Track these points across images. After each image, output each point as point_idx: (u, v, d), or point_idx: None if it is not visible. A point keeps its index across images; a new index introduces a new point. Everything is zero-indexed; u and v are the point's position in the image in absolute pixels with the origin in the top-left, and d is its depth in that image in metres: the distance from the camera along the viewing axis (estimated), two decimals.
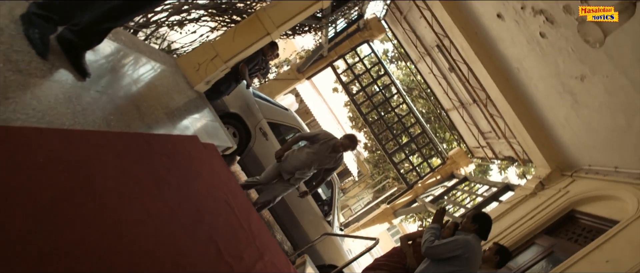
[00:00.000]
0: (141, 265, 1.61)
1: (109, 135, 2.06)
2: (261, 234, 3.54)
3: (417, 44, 7.99)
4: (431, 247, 2.80)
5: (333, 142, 4.02)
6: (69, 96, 1.93)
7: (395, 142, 9.57)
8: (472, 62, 4.95)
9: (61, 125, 1.74)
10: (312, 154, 4.02)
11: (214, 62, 4.36)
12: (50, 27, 1.94)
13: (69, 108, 1.88)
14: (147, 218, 1.91)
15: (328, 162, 4.07)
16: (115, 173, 1.88)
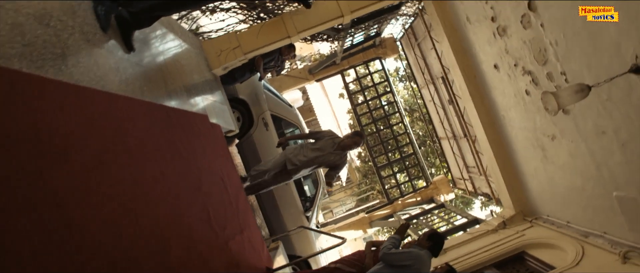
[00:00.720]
0: (152, 213, 2.05)
1: (142, 103, 2.50)
2: (245, 213, 3.99)
3: (425, 71, 8.43)
4: (388, 253, 3.22)
5: (338, 140, 4.11)
6: (117, 66, 2.36)
7: (386, 157, 10.02)
8: (466, 101, 5.39)
9: (110, 90, 2.17)
10: (317, 150, 4.10)
11: (235, 52, 4.80)
12: (114, 7, 2.37)
13: (117, 76, 2.31)
14: (160, 178, 2.35)
15: (332, 159, 4.10)
16: (142, 136, 2.32)
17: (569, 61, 3.34)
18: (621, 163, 3.18)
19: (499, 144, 5.08)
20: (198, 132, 3.46)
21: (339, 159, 4.14)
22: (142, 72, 2.74)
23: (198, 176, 2.99)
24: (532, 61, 3.82)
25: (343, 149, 4.07)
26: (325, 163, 4.13)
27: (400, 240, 3.42)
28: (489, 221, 5.47)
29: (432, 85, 8.29)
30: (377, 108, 10.45)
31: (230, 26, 5.18)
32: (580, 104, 3.36)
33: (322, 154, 4.06)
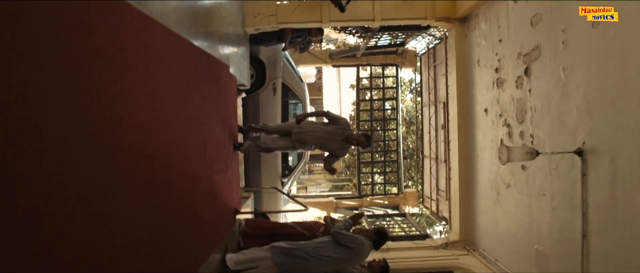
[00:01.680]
0: (169, 127, 2.61)
1: (186, 42, 3.02)
2: (232, 157, 4.56)
3: (432, 92, 8.94)
4: (339, 232, 3.78)
5: (348, 133, 4.10)
6: (177, 6, 2.88)
7: (371, 156, 10.62)
8: (453, 131, 5.95)
9: (166, 24, 2.70)
10: (326, 132, 4.12)
11: (270, 19, 5.29)
12: None
13: (175, 17, 2.83)
14: (181, 104, 2.90)
15: (335, 146, 4.13)
16: (178, 67, 2.86)
17: (539, 128, 3.91)
18: (547, 223, 3.78)
19: (467, 177, 5.67)
20: (217, 77, 3.99)
21: (340, 150, 4.17)
22: (192, 15, 3.25)
23: (207, 113, 3.54)
24: (513, 117, 4.38)
25: (348, 142, 4.10)
26: (327, 147, 4.16)
27: (351, 225, 4.01)
28: (435, 239, 6.11)
29: (434, 106, 8.82)
30: (379, 109, 10.97)
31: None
32: (535, 166, 3.94)
33: (329, 138, 4.10)
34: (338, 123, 4.16)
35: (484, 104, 5.17)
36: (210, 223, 3.61)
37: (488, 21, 5.11)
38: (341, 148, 4.16)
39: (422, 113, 10.15)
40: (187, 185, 3.06)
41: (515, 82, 4.33)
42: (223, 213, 4.14)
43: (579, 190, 3.26)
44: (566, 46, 3.49)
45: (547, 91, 3.76)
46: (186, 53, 3.08)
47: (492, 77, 4.90)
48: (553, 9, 3.70)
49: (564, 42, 3.50)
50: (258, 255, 3.86)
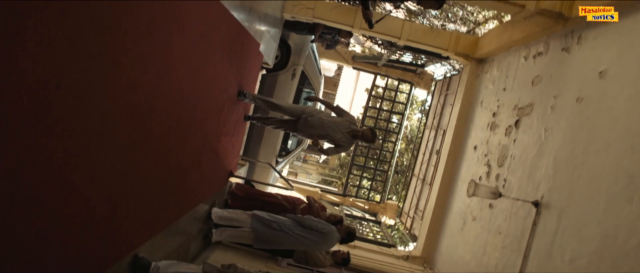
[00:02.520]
0: (199, 84, 3.09)
1: (232, 18, 3.48)
2: (239, 126, 5.03)
3: (436, 117, 9.39)
4: (313, 219, 4.19)
5: (354, 127, 4.22)
6: None
7: (364, 161, 11.09)
8: (443, 158, 6.41)
9: None
10: (333, 121, 4.23)
11: (307, 11, 5.73)
12: None
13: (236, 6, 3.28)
14: (213, 71, 3.37)
15: (340, 137, 4.20)
16: (220, 37, 3.32)
17: (513, 174, 4.36)
18: (496, 258, 4.26)
19: (443, 201, 6.14)
20: (248, 52, 4.46)
21: (345, 142, 4.25)
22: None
23: (230, 82, 4.02)
24: (495, 159, 4.83)
25: (353, 136, 4.20)
26: (331, 138, 4.23)
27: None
28: (399, 249, 6.60)
29: (435, 131, 9.27)
30: (385, 120, 11.42)
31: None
32: (500, 207, 4.40)
33: (334, 129, 4.19)
34: (346, 117, 4.28)
35: (475, 142, 5.62)
36: (208, 176, 4.09)
37: (500, 69, 5.54)
38: (346, 141, 4.22)
39: (423, 135, 10.59)
40: (199, 138, 3.54)
41: (505, 130, 4.78)
42: (220, 171, 4.63)
43: (527, 236, 3.73)
44: (553, 111, 3.93)
45: (527, 145, 4.21)
46: (229, 28, 3.54)
47: (489, 119, 5.35)
48: (552, 76, 4.14)
49: (552, 107, 3.95)
50: (240, 217, 4.28)
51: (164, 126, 2.65)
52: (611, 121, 3.08)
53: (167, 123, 2.68)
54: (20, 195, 1.54)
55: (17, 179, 1.51)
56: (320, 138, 4.29)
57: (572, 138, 3.51)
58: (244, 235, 4.22)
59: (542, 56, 4.49)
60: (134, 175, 2.40)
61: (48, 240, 1.76)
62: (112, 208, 2.23)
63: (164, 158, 2.78)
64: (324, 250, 4.46)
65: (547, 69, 4.29)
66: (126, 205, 2.37)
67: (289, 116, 4.42)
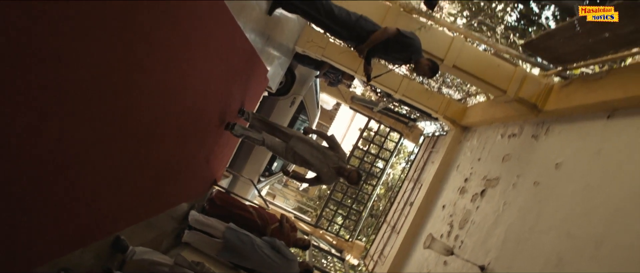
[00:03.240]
0: (207, 98, 3.46)
1: (246, 42, 3.90)
2: (233, 140, 5.36)
3: (417, 171, 9.83)
4: (283, 245, 4.43)
5: (343, 165, 4.11)
6: (259, 19, 3.78)
7: (341, 197, 11.41)
8: (413, 210, 6.78)
9: (243, 15, 3.58)
10: (323, 153, 4.13)
11: (318, 49, 6.22)
12: None
13: (253, 12, 3.72)
14: (221, 86, 3.76)
15: (325, 171, 4.10)
16: (234, 58, 3.73)
17: (469, 238, 4.74)
18: None
19: (405, 251, 6.46)
20: (255, 75, 4.88)
21: (328, 177, 4.14)
22: (263, 18, 4.16)
23: (235, 98, 4.40)
24: (458, 221, 5.22)
25: (338, 173, 4.09)
26: (317, 168, 4.12)
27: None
28: None
29: (413, 183, 9.68)
30: (369, 162, 11.83)
31: None
32: (453, 265, 4.75)
33: (323, 159, 4.09)
34: (337, 151, 4.15)
35: (445, 201, 6.01)
36: (194, 180, 4.40)
37: (479, 140, 6.02)
38: (329, 176, 4.10)
39: (401, 185, 11.00)
40: (196, 144, 3.88)
41: (472, 196, 5.19)
42: (207, 177, 4.94)
43: None
44: (514, 188, 4.36)
45: (487, 214, 4.61)
46: (244, 51, 3.96)
47: (460, 184, 5.77)
48: (520, 157, 4.60)
49: (514, 184, 4.38)
50: (215, 225, 4.50)
51: (168, 126, 3.00)
52: (556, 208, 3.50)
53: (171, 124, 3.03)
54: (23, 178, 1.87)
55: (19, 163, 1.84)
56: (305, 165, 4.18)
57: (524, 215, 3.92)
58: (210, 245, 4.39)
59: (516, 137, 4.97)
60: (130, 165, 2.71)
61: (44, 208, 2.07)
62: (106, 191, 2.54)
63: (160, 155, 3.10)
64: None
65: (517, 150, 4.76)
66: (117, 191, 2.68)
67: (280, 138, 4.33)
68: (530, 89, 4.39)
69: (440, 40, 4.47)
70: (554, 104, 4.18)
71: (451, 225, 5.37)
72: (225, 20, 3.20)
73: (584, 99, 3.75)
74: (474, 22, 7.20)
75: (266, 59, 5.17)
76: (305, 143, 4.16)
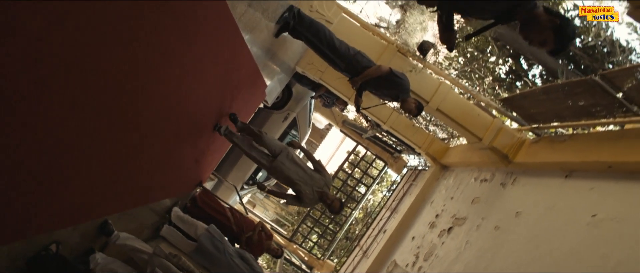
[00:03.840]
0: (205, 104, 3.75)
1: (250, 58, 4.23)
2: (223, 145, 5.61)
3: (396, 201, 10.14)
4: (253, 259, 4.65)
5: (327, 191, 4.03)
6: (266, 38, 4.12)
7: (319, 216, 11.64)
8: (385, 238, 7.06)
9: (249, 28, 3.91)
10: (309, 175, 4.04)
11: (317, 72, 6.57)
12: (290, 19, 4.15)
13: (261, 47, 4.05)
14: (221, 95, 4.06)
15: (307, 192, 4.00)
16: (240, 72, 4.04)
17: (431, 270, 5.03)
18: None
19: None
20: (254, 89, 5.19)
21: (309, 200, 4.04)
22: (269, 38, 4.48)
23: (231, 107, 4.70)
24: (423, 254, 5.52)
25: (320, 198, 4.03)
26: (299, 188, 4.00)
27: None
28: None
29: (390, 212, 9.98)
30: (352, 186, 12.12)
31: None
32: None
33: (307, 181, 4.00)
34: (323, 176, 4.08)
35: (415, 233, 6.32)
36: (182, 178, 4.66)
37: (455, 180, 6.38)
38: (311, 199, 4.01)
39: (379, 211, 11.29)
40: (190, 144, 4.15)
41: (440, 232, 5.51)
42: (193, 177, 5.19)
43: None
44: (477, 229, 4.69)
45: (449, 250, 4.92)
46: (247, 66, 4.28)
47: (431, 219, 6.09)
48: (487, 201, 4.95)
49: (478, 226, 4.71)
50: (195, 224, 4.70)
51: (165, 125, 3.23)
52: (509, 253, 3.83)
53: (168, 123, 3.27)
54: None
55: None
56: (288, 184, 4.09)
57: (481, 256, 4.23)
58: (185, 244, 4.54)
59: (487, 182, 5.33)
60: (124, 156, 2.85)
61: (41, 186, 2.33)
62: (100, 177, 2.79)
63: (153, 151, 3.34)
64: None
65: (486, 194, 5.11)
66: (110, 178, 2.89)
67: (267, 150, 4.22)
68: (504, 140, 4.77)
69: (429, 83, 4.85)
70: (523, 157, 4.56)
71: (417, 256, 5.66)
72: (234, 39, 3.51)
73: (548, 157, 4.13)
74: (467, 68, 7.67)
75: (267, 74, 5.49)
76: (292, 162, 4.08)
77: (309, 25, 4.19)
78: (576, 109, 3.62)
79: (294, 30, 4.25)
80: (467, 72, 6.71)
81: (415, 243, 6.05)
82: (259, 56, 4.48)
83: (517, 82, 7.84)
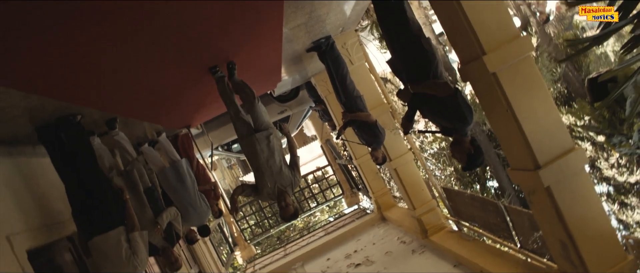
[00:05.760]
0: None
1: (278, 60, 5.12)
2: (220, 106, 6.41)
3: (334, 227, 11.07)
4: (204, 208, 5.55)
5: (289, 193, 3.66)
6: (298, 49, 5.04)
7: (266, 206, 12.54)
8: (306, 249, 7.97)
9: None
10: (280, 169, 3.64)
11: (325, 91, 7.49)
12: (321, 47, 5.08)
13: (291, 52, 4.96)
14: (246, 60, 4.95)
15: (268, 185, 3.62)
16: (268, 55, 4.94)
17: None
18: None
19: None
20: (270, 77, 6.07)
21: (266, 194, 3.67)
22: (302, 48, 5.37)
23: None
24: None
25: (277, 196, 3.62)
26: (261, 178, 3.64)
27: None
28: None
29: (324, 233, 10.90)
30: (305, 197, 13.04)
31: None
32: None
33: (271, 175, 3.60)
34: (293, 175, 3.71)
35: (331, 256, 7.23)
36: (178, 114, 5.48)
37: (384, 231, 7.34)
38: (268, 193, 3.65)
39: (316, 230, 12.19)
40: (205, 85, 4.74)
41: (350, 264, 6.43)
42: (186, 119, 6.04)
43: None
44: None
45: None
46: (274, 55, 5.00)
47: (350, 251, 7.03)
48: (397, 257, 5.90)
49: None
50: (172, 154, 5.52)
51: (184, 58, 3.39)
52: None
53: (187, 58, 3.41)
54: None
55: None
56: (251, 166, 3.76)
57: None
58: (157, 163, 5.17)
59: (404, 244, 6.30)
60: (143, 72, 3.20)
61: None
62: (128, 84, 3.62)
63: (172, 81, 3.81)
64: (188, 223, 5.52)
65: (398, 252, 6.07)
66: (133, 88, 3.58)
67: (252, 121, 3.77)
68: (431, 218, 5.75)
69: (399, 147, 5.83)
70: (437, 238, 5.54)
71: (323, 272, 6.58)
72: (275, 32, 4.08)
73: (452, 246, 5.11)
74: (443, 152, 8.72)
75: (286, 69, 6.33)
76: (268, 146, 3.64)
77: (335, 57, 5.12)
78: (486, 221, 4.62)
79: (323, 54, 5.18)
80: (439, 155, 7.73)
81: (328, 263, 6.97)
82: (288, 54, 5.32)
83: (476, 184, 8.92)
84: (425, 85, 2.95)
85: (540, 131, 2.59)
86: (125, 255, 3.18)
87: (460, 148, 2.95)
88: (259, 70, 5.43)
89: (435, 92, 2.90)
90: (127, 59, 2.82)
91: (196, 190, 5.05)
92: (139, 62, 2.99)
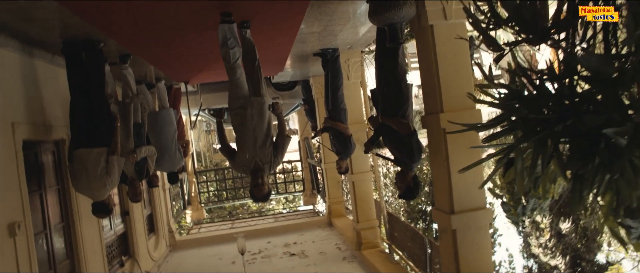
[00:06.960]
0: None
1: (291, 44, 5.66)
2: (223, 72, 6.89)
3: (286, 218, 11.64)
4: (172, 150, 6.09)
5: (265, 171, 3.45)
6: (307, 50, 5.61)
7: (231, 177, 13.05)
8: (253, 227, 8.52)
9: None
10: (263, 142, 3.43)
11: (317, 93, 8.07)
12: (326, 56, 5.66)
13: (303, 49, 5.52)
14: None
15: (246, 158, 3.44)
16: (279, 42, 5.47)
17: (258, 263, 6.51)
18: None
19: (211, 240, 8.11)
20: (274, 65, 6.57)
21: (240, 165, 3.52)
22: (310, 51, 5.94)
23: None
24: (265, 253, 6.99)
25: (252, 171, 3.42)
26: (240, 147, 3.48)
27: None
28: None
29: (274, 219, 11.47)
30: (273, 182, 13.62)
31: None
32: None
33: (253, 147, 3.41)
34: (275, 155, 3.52)
35: (272, 240, 7.80)
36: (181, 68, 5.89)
37: (327, 235, 7.96)
38: (244, 165, 3.48)
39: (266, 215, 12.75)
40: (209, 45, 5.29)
41: (286, 252, 7.01)
42: (186, 74, 6.47)
43: None
44: (305, 268, 6.22)
45: (278, 264, 6.42)
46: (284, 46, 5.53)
47: (290, 241, 7.61)
48: (327, 259, 6.52)
49: (307, 266, 6.25)
50: (164, 101, 6.02)
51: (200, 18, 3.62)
52: None
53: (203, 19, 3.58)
54: None
55: None
56: (236, 132, 3.53)
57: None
58: (148, 105, 5.76)
59: (338, 250, 6.92)
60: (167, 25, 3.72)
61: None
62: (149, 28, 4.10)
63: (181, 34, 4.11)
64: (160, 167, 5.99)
65: (331, 255, 6.68)
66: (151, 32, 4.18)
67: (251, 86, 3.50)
68: (369, 235, 6.39)
69: (363, 163, 6.45)
70: (368, 254, 6.18)
71: (260, 251, 7.13)
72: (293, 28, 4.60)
73: (379, 265, 5.75)
74: None
75: (291, 63, 6.84)
76: (260, 117, 3.42)
77: (335, 69, 5.70)
78: (412, 251, 5.28)
79: (326, 62, 5.76)
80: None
81: (268, 245, 7.54)
82: (296, 52, 5.84)
83: (420, 222, 9.63)
84: (392, 120, 3.43)
85: (464, 186, 3.21)
86: (100, 172, 3.67)
87: (403, 178, 3.49)
88: (266, 55, 5.93)
89: (397, 128, 3.39)
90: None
91: (175, 139, 5.54)
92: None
